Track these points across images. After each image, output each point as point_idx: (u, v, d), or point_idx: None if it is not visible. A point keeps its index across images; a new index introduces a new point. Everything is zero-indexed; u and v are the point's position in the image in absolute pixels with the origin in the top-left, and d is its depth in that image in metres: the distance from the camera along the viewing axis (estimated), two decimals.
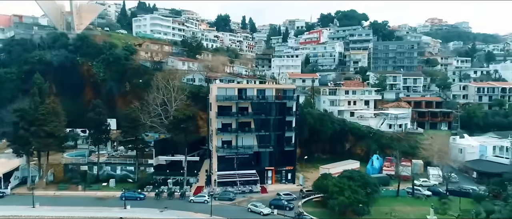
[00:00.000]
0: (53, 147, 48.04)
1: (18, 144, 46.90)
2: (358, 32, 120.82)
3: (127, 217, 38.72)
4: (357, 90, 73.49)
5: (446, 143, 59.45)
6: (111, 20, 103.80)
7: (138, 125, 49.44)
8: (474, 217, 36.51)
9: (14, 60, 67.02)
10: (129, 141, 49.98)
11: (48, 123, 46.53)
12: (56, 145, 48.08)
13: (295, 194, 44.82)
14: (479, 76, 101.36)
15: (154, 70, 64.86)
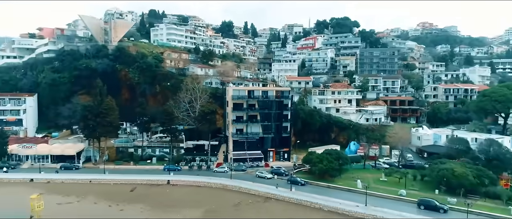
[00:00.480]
0: (111, 134, 65.58)
1: (87, 131, 64.41)
2: (348, 39, 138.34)
3: (173, 179, 56.24)
4: (341, 91, 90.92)
5: (408, 132, 77.05)
6: (132, 31, 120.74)
7: (173, 118, 66.89)
8: (412, 179, 54.07)
9: (65, 67, 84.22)
10: (166, 130, 67.46)
11: (108, 116, 64.04)
12: (113, 132, 65.70)
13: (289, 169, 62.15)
14: (450, 78, 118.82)
15: (179, 75, 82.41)
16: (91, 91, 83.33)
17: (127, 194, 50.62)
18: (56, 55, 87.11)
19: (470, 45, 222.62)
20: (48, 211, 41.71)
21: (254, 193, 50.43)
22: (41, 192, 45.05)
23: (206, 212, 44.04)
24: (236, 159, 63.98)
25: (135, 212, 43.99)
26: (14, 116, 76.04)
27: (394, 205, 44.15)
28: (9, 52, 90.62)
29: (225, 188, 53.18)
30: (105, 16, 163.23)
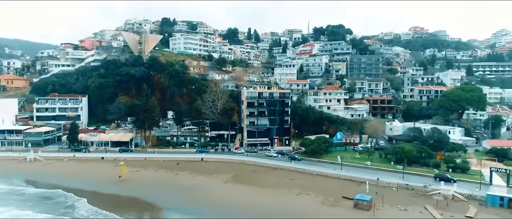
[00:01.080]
0: (155, 125, 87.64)
1: (138, 123, 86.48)
2: (341, 46, 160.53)
3: (205, 157, 78.31)
4: (332, 92, 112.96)
5: (383, 125, 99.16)
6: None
7: (201, 113, 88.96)
8: (378, 156, 76.08)
9: (109, 73, 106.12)
10: (195, 123, 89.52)
11: (153, 112, 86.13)
12: (157, 125, 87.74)
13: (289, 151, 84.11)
14: (425, 81, 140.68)
15: (202, 80, 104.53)
16: (129, 92, 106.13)
17: (175, 166, 72.57)
18: (101, 63, 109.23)
19: (457, 49, 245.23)
20: (126, 175, 63.85)
21: (265, 165, 72.57)
22: (119, 164, 67.07)
23: (234, 175, 66.07)
24: (249, 144, 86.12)
25: (186, 176, 66.05)
26: (74, 112, 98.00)
27: (361, 171, 66.11)
28: (63, 61, 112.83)
29: (243, 162, 75.28)
30: (125, 25, 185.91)
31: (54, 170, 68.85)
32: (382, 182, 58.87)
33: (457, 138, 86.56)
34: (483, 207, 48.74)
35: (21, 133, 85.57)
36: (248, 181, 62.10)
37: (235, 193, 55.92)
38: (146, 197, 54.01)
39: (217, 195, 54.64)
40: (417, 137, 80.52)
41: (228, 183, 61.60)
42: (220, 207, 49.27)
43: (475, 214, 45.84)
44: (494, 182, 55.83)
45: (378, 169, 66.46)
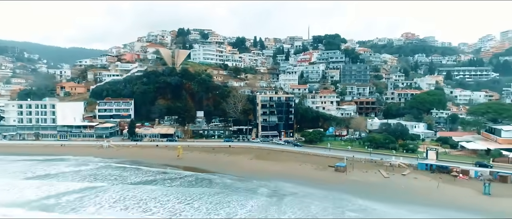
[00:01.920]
0: (192, 122, 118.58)
1: (180, 120, 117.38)
2: (335, 56, 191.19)
3: (232, 144, 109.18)
4: (326, 96, 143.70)
5: (365, 121, 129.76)
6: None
7: (225, 113, 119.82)
8: (358, 143, 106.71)
9: (150, 81, 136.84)
10: (221, 120, 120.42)
11: (191, 112, 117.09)
12: (193, 121, 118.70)
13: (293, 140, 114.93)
14: (405, 86, 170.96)
15: (223, 87, 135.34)
16: (166, 96, 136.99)
17: (211, 150, 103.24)
18: (143, 73, 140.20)
19: (443, 54, 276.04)
20: (181, 155, 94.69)
21: (276, 149, 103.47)
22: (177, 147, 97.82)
23: (255, 155, 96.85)
24: (263, 135, 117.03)
25: (221, 156, 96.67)
26: (125, 112, 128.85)
27: (343, 152, 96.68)
28: (114, 72, 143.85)
29: (260, 148, 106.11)
30: (148, 36, 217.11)
31: (132, 154, 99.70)
32: (356, 158, 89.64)
33: (420, 131, 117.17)
34: (415, 170, 79.67)
35: (92, 128, 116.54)
36: (265, 158, 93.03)
37: (258, 165, 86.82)
38: (201, 166, 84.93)
39: (246, 166, 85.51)
40: (386, 130, 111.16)
41: (252, 160, 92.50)
42: (249, 172, 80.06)
43: (407, 173, 76.76)
44: (429, 157, 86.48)
45: (355, 151, 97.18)
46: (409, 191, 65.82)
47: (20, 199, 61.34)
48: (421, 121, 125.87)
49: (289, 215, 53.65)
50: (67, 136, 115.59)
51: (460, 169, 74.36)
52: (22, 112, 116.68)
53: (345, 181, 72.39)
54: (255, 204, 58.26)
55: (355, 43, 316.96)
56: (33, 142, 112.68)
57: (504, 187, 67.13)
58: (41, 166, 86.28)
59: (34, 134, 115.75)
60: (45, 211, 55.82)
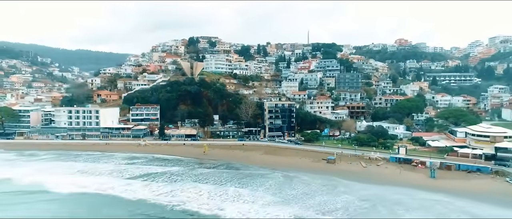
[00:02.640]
0: (210, 124, 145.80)
1: (201, 122, 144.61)
2: (332, 64, 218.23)
3: (244, 143, 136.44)
4: (323, 101, 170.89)
5: (355, 124, 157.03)
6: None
7: (239, 117, 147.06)
8: (347, 142, 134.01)
9: (173, 90, 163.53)
10: (235, 123, 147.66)
11: (210, 116, 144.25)
12: (212, 124, 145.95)
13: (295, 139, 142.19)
14: (392, 92, 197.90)
15: (235, 94, 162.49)
16: (186, 102, 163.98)
17: (229, 147, 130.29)
18: (167, 83, 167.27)
19: (432, 60, 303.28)
20: (207, 152, 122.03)
21: (280, 147, 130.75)
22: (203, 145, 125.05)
23: (264, 151, 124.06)
24: (270, 135, 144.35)
25: (238, 151, 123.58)
26: (153, 116, 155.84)
27: (334, 149, 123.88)
28: (142, 82, 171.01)
29: (268, 145, 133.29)
30: (163, 46, 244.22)
31: (166, 150, 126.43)
32: (344, 153, 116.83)
33: (400, 132, 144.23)
34: (387, 162, 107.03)
35: (129, 129, 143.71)
36: (273, 154, 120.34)
37: (268, 158, 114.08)
38: (226, 160, 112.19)
39: (259, 160, 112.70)
40: (370, 131, 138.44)
41: (263, 155, 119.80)
42: (262, 164, 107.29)
43: (381, 164, 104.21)
44: (400, 152, 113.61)
45: (344, 148, 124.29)
46: (379, 176, 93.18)
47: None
48: (401, 123, 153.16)
49: (297, 190, 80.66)
50: (109, 136, 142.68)
51: (419, 161, 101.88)
52: (71, 116, 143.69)
53: (334, 170, 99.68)
54: (272, 183, 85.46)
55: (352, 48, 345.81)
56: (81, 141, 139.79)
57: (448, 173, 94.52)
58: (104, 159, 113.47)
59: (82, 134, 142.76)
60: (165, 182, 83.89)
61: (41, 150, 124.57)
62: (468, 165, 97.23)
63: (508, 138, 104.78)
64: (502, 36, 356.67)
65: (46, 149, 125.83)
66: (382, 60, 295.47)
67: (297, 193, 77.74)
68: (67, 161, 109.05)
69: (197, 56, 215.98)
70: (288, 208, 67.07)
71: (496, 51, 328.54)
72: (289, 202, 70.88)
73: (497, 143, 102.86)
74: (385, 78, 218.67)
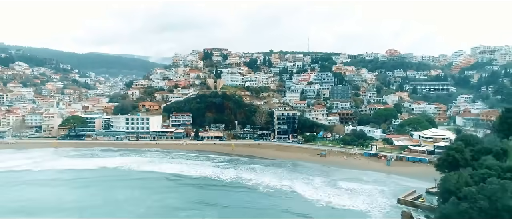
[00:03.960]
0: (233, 129, 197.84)
1: (225, 126, 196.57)
2: (327, 77, 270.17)
3: (259, 143, 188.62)
4: (319, 110, 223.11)
5: (343, 128, 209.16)
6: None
7: (255, 123, 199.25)
8: (336, 142, 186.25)
9: (202, 101, 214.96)
10: (251, 127, 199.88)
11: (232, 122, 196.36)
12: (233, 128, 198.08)
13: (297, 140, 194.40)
14: (375, 101, 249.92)
15: (251, 105, 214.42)
16: (212, 111, 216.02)
17: (248, 146, 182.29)
18: (196, 96, 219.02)
19: (417, 69, 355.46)
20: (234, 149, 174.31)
21: (286, 145, 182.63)
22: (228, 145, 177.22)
23: (275, 149, 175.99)
24: (278, 137, 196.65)
25: (255, 149, 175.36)
26: (187, 122, 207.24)
27: (326, 147, 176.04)
28: (176, 95, 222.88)
29: (277, 145, 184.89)
30: (184, 61, 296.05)
31: (203, 148, 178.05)
32: (332, 150, 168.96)
33: (377, 134, 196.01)
34: (362, 156, 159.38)
35: (172, 132, 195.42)
36: (281, 150, 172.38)
37: (278, 153, 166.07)
38: (248, 154, 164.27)
39: (272, 154, 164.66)
40: (353, 133, 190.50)
41: (274, 151, 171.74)
42: (274, 157, 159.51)
43: (357, 157, 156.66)
44: (372, 149, 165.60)
45: (333, 146, 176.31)
46: (354, 165, 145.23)
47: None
48: (379, 127, 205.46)
49: (301, 172, 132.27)
50: (156, 138, 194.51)
51: (382, 155, 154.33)
52: (127, 122, 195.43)
53: (325, 161, 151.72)
54: (283, 170, 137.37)
55: (347, 56, 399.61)
56: (136, 142, 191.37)
57: (400, 163, 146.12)
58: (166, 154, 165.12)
59: (136, 136, 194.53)
60: (213, 167, 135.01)
61: (113, 148, 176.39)
62: (414, 158, 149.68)
63: (445, 139, 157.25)
64: (482, 46, 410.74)
65: (115, 147, 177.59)
66: (373, 69, 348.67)
67: (301, 173, 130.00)
68: (138, 156, 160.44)
69: (216, 71, 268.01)
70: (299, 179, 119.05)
71: (475, 61, 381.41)
72: (300, 177, 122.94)
73: (437, 143, 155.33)
74: (371, 89, 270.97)
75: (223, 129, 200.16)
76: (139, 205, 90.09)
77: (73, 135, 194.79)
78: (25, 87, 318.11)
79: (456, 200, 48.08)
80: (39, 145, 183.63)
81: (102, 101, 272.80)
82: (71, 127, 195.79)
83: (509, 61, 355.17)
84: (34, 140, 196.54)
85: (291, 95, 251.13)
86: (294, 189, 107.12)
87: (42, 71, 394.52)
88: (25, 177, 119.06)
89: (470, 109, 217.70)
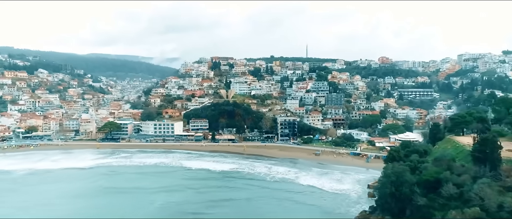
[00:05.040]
0: (243, 132, 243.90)
1: (236, 131, 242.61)
2: (323, 86, 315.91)
3: (266, 144, 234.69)
4: (315, 116, 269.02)
5: (336, 131, 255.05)
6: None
7: (262, 127, 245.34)
8: (329, 144, 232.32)
9: (216, 109, 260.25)
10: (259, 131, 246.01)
11: (242, 127, 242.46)
12: (244, 132, 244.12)
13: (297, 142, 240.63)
14: (364, 108, 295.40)
15: (258, 112, 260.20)
16: (224, 117, 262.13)
17: (257, 147, 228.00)
18: (211, 104, 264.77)
19: (406, 76, 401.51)
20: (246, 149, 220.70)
21: (288, 146, 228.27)
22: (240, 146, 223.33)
23: (279, 149, 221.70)
24: (281, 139, 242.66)
25: (263, 149, 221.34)
26: (205, 126, 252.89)
27: (321, 147, 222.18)
28: (194, 103, 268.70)
29: (280, 146, 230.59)
30: (196, 70, 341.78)
31: (219, 149, 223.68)
32: (325, 150, 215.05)
33: (363, 137, 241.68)
34: (348, 155, 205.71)
35: (192, 136, 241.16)
36: (284, 150, 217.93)
37: (282, 153, 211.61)
38: (258, 154, 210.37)
39: (276, 153, 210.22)
40: (343, 136, 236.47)
41: (278, 151, 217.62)
42: (278, 155, 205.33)
43: (344, 156, 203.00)
44: (357, 150, 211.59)
45: (326, 147, 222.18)
46: (342, 162, 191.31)
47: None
48: (365, 131, 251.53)
49: (301, 166, 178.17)
50: (180, 140, 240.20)
51: (364, 154, 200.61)
52: (155, 127, 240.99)
53: (319, 159, 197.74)
54: (285, 166, 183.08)
55: (343, 63, 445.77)
56: (163, 143, 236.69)
57: (377, 160, 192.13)
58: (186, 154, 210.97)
59: (162, 139, 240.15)
60: (232, 163, 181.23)
61: (146, 149, 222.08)
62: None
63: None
64: (468, 54, 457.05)
65: (149, 149, 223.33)
66: (367, 75, 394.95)
67: (301, 167, 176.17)
68: (171, 155, 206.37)
69: (225, 81, 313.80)
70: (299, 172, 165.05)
71: (460, 68, 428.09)
72: (300, 170, 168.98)
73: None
74: (361, 96, 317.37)
75: (234, 132, 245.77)
76: (203, 189, 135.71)
77: (110, 138, 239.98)
78: (51, 93, 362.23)
79: (387, 178, 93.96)
80: (84, 147, 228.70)
81: (124, 107, 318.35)
82: (108, 131, 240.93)
83: (489, 69, 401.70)
84: (77, 142, 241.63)
85: (292, 102, 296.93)
86: (294, 178, 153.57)
87: (61, 77, 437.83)
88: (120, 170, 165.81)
89: (441, 115, 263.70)
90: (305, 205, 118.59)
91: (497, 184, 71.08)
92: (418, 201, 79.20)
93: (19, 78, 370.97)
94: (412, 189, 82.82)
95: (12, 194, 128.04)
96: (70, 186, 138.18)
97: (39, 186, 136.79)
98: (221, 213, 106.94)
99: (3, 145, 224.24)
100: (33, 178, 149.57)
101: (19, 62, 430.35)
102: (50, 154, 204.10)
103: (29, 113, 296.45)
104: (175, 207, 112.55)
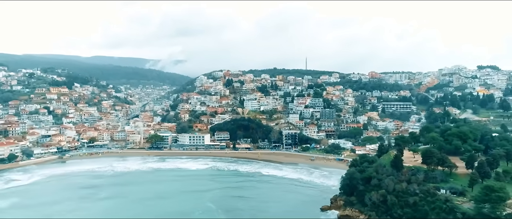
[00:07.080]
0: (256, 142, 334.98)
1: (251, 140, 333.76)
2: (318, 102, 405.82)
3: (274, 151, 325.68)
4: (312, 128, 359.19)
5: (328, 141, 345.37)
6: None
7: (271, 138, 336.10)
8: (323, 151, 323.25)
9: (235, 123, 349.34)
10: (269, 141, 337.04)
11: (255, 137, 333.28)
12: (257, 141, 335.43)
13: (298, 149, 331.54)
14: (351, 121, 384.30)
15: (267, 126, 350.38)
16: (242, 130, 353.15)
17: (268, 153, 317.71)
18: (230, 120, 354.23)
19: (391, 90, 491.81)
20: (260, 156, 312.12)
21: (291, 153, 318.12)
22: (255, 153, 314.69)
23: (284, 156, 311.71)
24: (285, 148, 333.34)
25: (273, 156, 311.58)
26: (226, 137, 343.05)
27: (315, 154, 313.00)
28: (217, 119, 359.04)
29: (285, 153, 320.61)
30: (214, 91, 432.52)
31: (239, 155, 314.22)
32: (318, 156, 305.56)
33: (348, 145, 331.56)
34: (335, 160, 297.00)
35: (218, 145, 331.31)
36: (289, 156, 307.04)
37: (287, 158, 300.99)
38: (268, 159, 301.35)
39: (282, 159, 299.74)
40: (332, 145, 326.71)
41: (284, 157, 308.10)
42: (284, 161, 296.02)
43: (332, 161, 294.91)
44: (342, 156, 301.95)
45: (320, 154, 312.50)
46: (330, 165, 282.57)
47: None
48: (350, 140, 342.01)
49: (301, 169, 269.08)
50: (208, 149, 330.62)
51: (346, 159, 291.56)
52: (190, 138, 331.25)
53: (314, 163, 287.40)
54: (289, 168, 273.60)
55: (338, 77, 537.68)
56: (196, 151, 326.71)
57: None
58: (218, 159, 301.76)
59: (195, 147, 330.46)
60: (248, 165, 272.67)
61: (184, 156, 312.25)
62: None
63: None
64: (446, 69, 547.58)
65: (186, 156, 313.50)
66: (358, 88, 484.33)
67: (302, 169, 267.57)
68: (201, 160, 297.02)
69: (240, 99, 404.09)
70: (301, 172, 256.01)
71: (438, 82, 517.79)
72: (301, 171, 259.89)
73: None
74: (350, 111, 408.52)
75: (249, 142, 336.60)
76: (247, 185, 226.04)
77: (155, 147, 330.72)
78: (90, 106, 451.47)
79: (347, 176, 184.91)
80: (137, 154, 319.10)
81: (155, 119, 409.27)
82: (153, 141, 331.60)
83: (461, 84, 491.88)
84: (130, 150, 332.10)
85: (293, 116, 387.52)
86: (296, 176, 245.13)
87: (91, 90, 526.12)
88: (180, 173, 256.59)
89: (408, 127, 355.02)
90: (304, 190, 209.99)
91: (397, 179, 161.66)
92: (360, 188, 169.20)
93: (62, 93, 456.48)
94: (357, 182, 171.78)
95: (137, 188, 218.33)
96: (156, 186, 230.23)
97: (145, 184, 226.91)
98: (256, 193, 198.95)
99: (79, 153, 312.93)
100: (128, 177, 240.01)
101: (56, 77, 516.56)
102: (118, 160, 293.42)
103: (79, 124, 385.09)
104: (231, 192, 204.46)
